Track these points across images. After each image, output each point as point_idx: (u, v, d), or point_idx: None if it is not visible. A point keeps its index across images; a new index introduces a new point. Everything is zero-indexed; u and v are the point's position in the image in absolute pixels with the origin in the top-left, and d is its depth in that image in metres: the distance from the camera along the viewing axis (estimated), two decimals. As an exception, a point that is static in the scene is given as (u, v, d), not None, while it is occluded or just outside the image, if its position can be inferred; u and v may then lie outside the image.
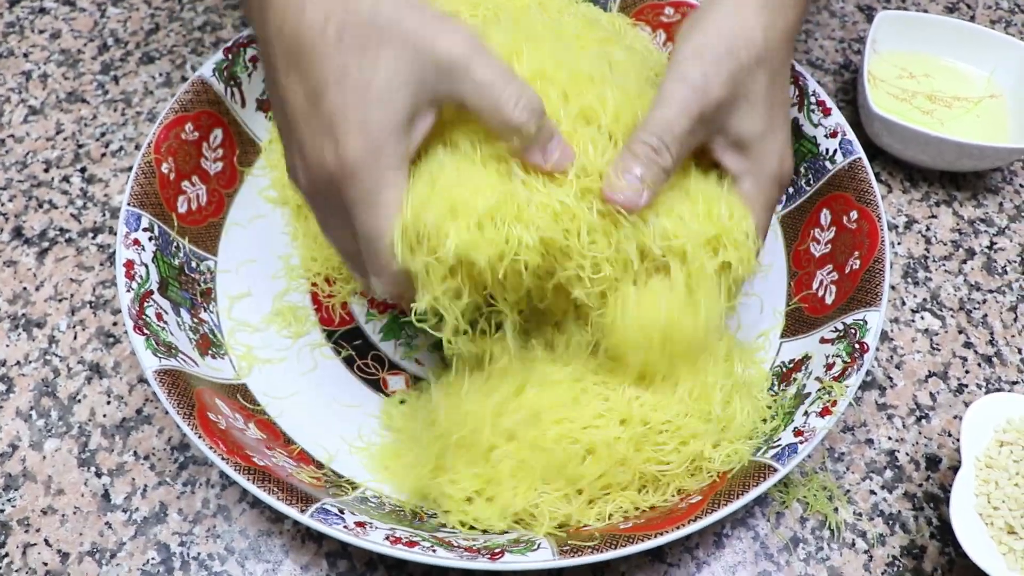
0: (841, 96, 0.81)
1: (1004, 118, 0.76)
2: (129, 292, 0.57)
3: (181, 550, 0.57)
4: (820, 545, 0.59)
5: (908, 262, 0.72)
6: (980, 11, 0.88)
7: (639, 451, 0.53)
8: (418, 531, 0.52)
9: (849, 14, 0.88)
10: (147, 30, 0.83)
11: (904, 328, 0.68)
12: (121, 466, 0.60)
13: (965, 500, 0.55)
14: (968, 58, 0.79)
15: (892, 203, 0.75)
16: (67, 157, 0.75)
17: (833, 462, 0.62)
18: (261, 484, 0.50)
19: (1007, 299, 0.70)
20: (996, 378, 0.66)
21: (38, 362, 0.64)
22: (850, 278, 0.61)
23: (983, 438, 0.57)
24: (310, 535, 0.58)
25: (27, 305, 0.67)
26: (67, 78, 0.80)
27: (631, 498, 0.54)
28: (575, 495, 0.53)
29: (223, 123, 0.67)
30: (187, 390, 0.53)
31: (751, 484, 0.51)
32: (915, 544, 0.59)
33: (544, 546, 0.50)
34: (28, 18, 0.84)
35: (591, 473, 0.52)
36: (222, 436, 0.52)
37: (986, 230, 0.74)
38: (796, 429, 0.54)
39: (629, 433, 0.52)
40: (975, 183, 0.76)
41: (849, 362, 0.56)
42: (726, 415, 0.55)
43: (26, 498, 0.59)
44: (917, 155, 0.73)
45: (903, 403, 0.65)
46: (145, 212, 0.61)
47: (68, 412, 0.62)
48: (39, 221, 0.71)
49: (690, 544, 0.58)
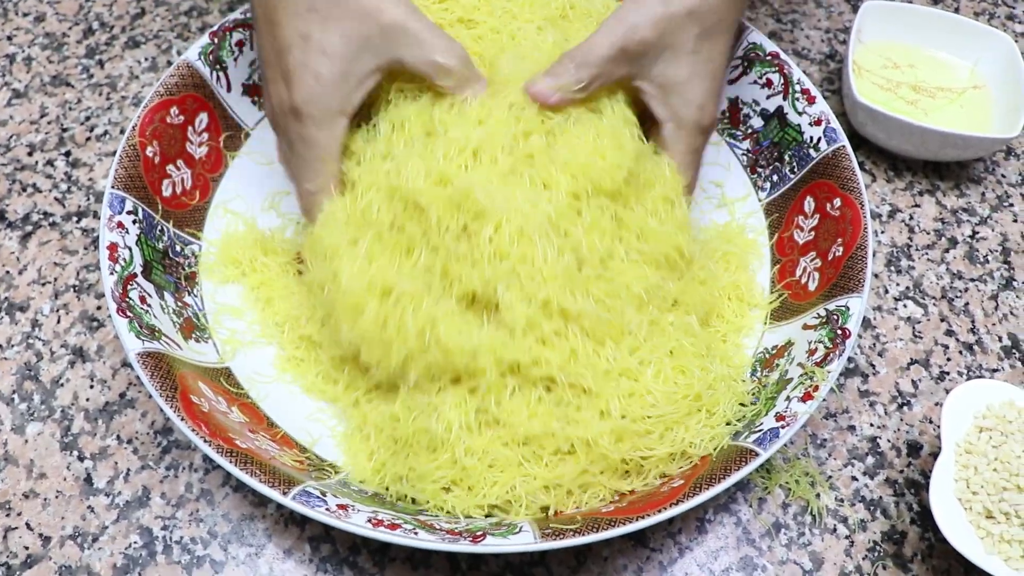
0: (826, 86, 0.82)
1: (988, 109, 0.77)
2: (112, 275, 0.57)
3: (164, 534, 0.57)
4: (802, 530, 0.59)
5: (891, 250, 0.72)
6: (964, 2, 0.89)
7: (621, 441, 0.53)
8: (400, 514, 0.52)
9: (835, 4, 0.88)
10: (133, 14, 0.82)
11: (887, 316, 0.69)
12: (104, 450, 0.60)
13: (945, 486, 0.56)
14: (952, 49, 0.80)
15: (876, 192, 0.75)
16: (51, 141, 0.74)
17: (815, 448, 0.62)
18: (243, 467, 0.50)
19: (988, 288, 0.71)
20: (977, 365, 0.67)
21: (21, 346, 0.64)
22: (833, 265, 0.61)
23: (963, 424, 0.58)
24: (293, 519, 0.58)
25: (10, 289, 0.67)
26: (52, 61, 0.79)
27: (613, 485, 0.54)
28: (555, 487, 0.53)
29: (208, 107, 0.67)
30: (170, 373, 0.53)
31: (733, 468, 0.51)
32: (896, 529, 0.60)
33: (526, 529, 0.50)
34: (12, 1, 0.83)
35: (571, 471, 0.53)
36: (205, 419, 0.52)
37: (968, 219, 0.74)
38: (778, 414, 0.54)
39: (610, 426, 0.53)
40: (958, 173, 0.77)
41: (831, 348, 0.56)
42: (710, 400, 0.55)
43: (8, 482, 0.59)
44: (901, 145, 0.74)
45: (885, 390, 0.65)
46: (129, 195, 0.60)
47: (51, 396, 0.62)
48: (23, 205, 0.71)
49: (673, 529, 0.59)
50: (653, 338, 0.56)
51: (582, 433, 0.52)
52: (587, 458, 0.53)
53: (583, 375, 0.53)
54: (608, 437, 0.52)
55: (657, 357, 0.55)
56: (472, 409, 0.53)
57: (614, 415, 0.53)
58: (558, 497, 0.53)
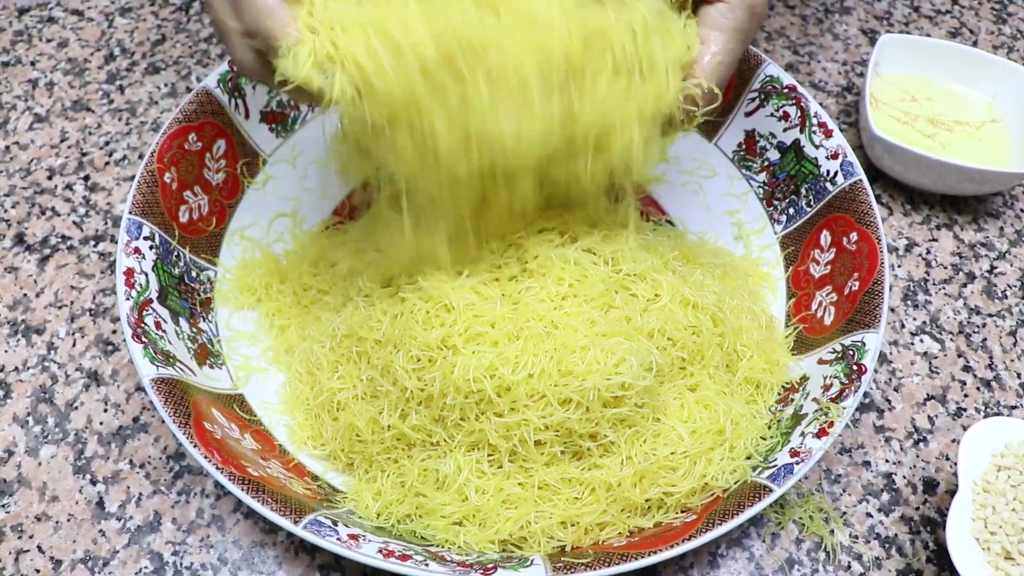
0: (843, 118, 0.82)
1: (1006, 143, 0.76)
2: (128, 300, 0.57)
3: (174, 559, 0.57)
4: (815, 567, 0.58)
5: (908, 285, 0.72)
6: (983, 36, 0.89)
7: (644, 480, 0.53)
8: (411, 544, 0.51)
9: (852, 37, 0.88)
10: (153, 41, 0.83)
11: (903, 351, 0.68)
12: (116, 474, 0.60)
13: (962, 524, 0.55)
14: (970, 83, 0.80)
15: (893, 226, 0.75)
16: (71, 165, 0.75)
17: (830, 484, 0.62)
18: (254, 494, 0.50)
19: (1007, 323, 0.70)
20: (995, 402, 0.66)
21: (36, 368, 0.65)
22: (849, 299, 0.61)
23: (981, 462, 0.57)
24: (304, 547, 0.58)
25: (27, 311, 0.67)
26: (73, 87, 0.80)
27: (633, 523, 0.54)
28: (572, 524, 0.53)
29: (226, 134, 0.67)
30: (184, 399, 0.53)
31: (746, 504, 0.51)
32: (911, 568, 0.59)
33: (537, 562, 0.50)
34: (36, 27, 0.84)
35: (590, 512, 0.52)
36: (217, 446, 0.52)
37: (987, 254, 0.74)
38: (792, 450, 0.54)
39: (633, 469, 0.52)
40: (976, 207, 0.77)
41: (847, 383, 0.56)
42: (733, 434, 0.54)
43: (20, 504, 0.59)
44: (918, 178, 0.73)
45: (901, 426, 0.65)
46: (147, 221, 0.61)
47: (65, 419, 0.62)
48: (41, 228, 0.71)
49: (685, 563, 0.58)
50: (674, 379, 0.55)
51: (604, 477, 0.52)
52: (608, 499, 0.52)
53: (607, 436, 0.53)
54: (630, 480, 0.52)
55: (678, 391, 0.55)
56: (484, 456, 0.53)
57: (636, 460, 0.52)
58: (575, 535, 0.53)
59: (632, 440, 0.53)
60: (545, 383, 0.50)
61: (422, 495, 0.53)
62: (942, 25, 0.90)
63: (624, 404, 0.52)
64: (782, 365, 0.60)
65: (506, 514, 0.52)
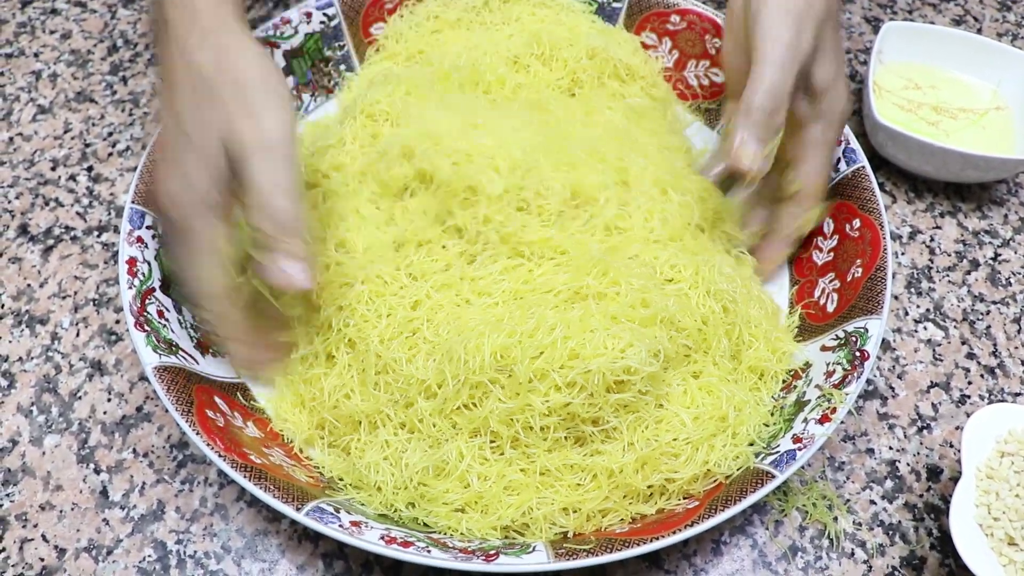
0: (847, 106, 0.81)
1: (1010, 130, 0.76)
2: (131, 289, 0.57)
3: (178, 548, 0.57)
4: (819, 554, 0.58)
5: (912, 272, 0.72)
6: (987, 23, 0.88)
7: (646, 466, 0.53)
8: (413, 531, 0.51)
9: (855, 25, 0.88)
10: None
11: (907, 338, 0.68)
12: (120, 463, 0.60)
13: (965, 511, 0.55)
14: (974, 70, 0.79)
15: (896, 213, 0.75)
16: (74, 156, 0.75)
17: (833, 471, 0.62)
18: (257, 482, 0.50)
19: (1011, 310, 0.70)
20: (999, 389, 0.66)
21: (40, 358, 0.65)
22: (852, 286, 0.61)
23: (984, 449, 0.57)
24: (307, 535, 0.58)
25: (31, 302, 0.67)
26: (76, 78, 0.80)
27: (635, 509, 0.53)
28: (574, 511, 0.53)
29: (229, 124, 0.67)
30: (186, 387, 0.54)
31: (749, 490, 0.51)
32: (915, 555, 0.59)
33: (539, 549, 0.50)
34: (39, 19, 0.84)
35: (593, 499, 0.52)
36: (220, 433, 0.52)
37: (990, 241, 0.74)
38: (795, 436, 0.54)
39: (635, 455, 0.52)
40: (980, 194, 0.76)
41: (849, 370, 0.56)
42: (735, 420, 0.54)
43: (24, 493, 0.59)
44: (922, 166, 0.73)
45: (904, 413, 0.65)
46: (149, 210, 0.61)
47: (69, 408, 0.63)
48: (45, 219, 0.72)
49: (688, 551, 0.58)
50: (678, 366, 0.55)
51: (606, 463, 0.52)
52: (610, 485, 0.52)
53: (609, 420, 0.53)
54: (632, 466, 0.52)
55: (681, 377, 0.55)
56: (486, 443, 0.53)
57: (637, 446, 0.52)
58: (577, 521, 0.53)
59: (634, 426, 0.52)
60: (552, 364, 0.50)
61: (424, 484, 0.53)
62: (946, 12, 0.89)
63: (628, 390, 0.52)
64: (787, 354, 0.60)
65: (508, 500, 0.52)
